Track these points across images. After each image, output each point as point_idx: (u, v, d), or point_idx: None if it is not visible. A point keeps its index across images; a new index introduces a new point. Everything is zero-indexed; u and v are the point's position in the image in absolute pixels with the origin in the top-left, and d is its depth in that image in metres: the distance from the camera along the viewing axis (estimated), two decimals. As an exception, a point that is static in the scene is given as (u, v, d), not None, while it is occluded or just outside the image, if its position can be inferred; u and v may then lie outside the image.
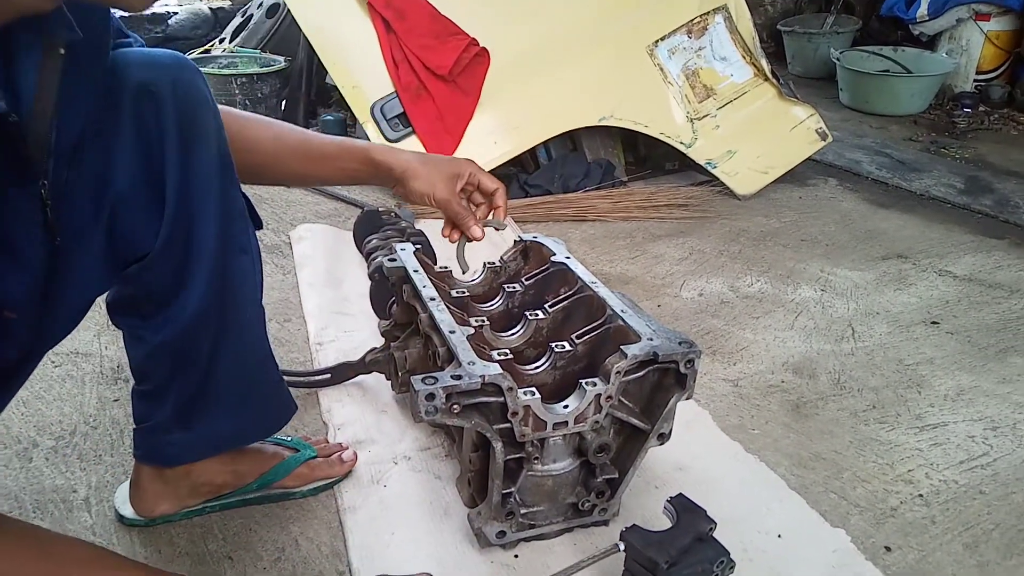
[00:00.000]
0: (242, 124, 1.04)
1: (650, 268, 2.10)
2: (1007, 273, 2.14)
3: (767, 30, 4.53)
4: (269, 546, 1.13)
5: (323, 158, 1.09)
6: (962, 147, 3.25)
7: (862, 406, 1.53)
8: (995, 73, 3.83)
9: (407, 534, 1.14)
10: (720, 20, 2.68)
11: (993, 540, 1.20)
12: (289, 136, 1.09)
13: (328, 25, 2.45)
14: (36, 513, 1.16)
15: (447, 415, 0.96)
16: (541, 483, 1.09)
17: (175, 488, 1.12)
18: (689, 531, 1.01)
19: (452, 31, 2.39)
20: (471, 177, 1.12)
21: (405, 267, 1.28)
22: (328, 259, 1.98)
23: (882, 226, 2.45)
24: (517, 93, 2.47)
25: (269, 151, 1.06)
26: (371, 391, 1.47)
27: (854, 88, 3.74)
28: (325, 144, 1.11)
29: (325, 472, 1.22)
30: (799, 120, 2.73)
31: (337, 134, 2.90)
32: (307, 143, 1.09)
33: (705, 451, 1.35)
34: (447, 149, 2.37)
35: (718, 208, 2.51)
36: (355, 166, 1.10)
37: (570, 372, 1.16)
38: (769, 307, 1.91)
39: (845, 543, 1.17)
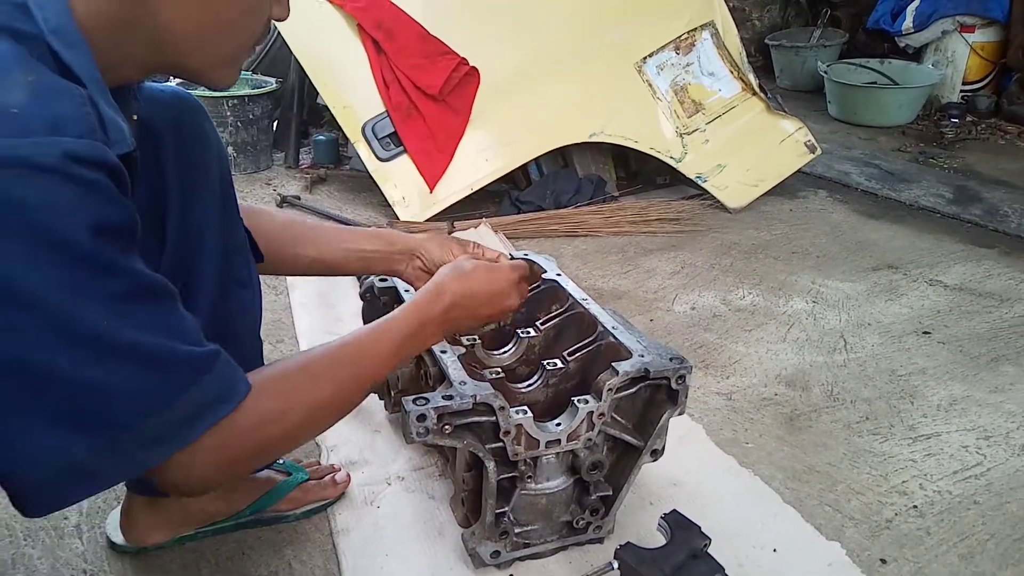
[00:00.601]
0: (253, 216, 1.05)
1: (642, 282, 2.10)
2: (997, 282, 2.15)
3: (755, 44, 4.58)
4: (262, 570, 1.12)
5: (336, 241, 1.11)
6: (950, 157, 3.28)
7: (855, 418, 1.53)
8: (981, 84, 3.88)
9: (401, 555, 1.14)
10: (707, 36, 2.70)
11: (988, 550, 1.20)
12: (299, 222, 1.12)
13: (319, 46, 2.46)
14: (27, 540, 1.15)
15: (439, 436, 0.96)
16: (535, 502, 1.09)
17: (167, 517, 1.12)
18: (684, 548, 1.01)
19: (442, 51, 2.41)
20: (474, 248, 1.15)
21: (396, 287, 1.28)
22: (320, 280, 1.98)
23: (872, 237, 2.46)
24: (507, 111, 2.48)
25: (276, 237, 1.07)
26: (363, 411, 1.47)
27: (842, 100, 3.77)
28: (338, 229, 1.15)
29: (318, 495, 1.22)
30: (788, 133, 2.76)
31: (329, 154, 2.93)
32: (317, 228, 1.13)
33: (699, 466, 1.35)
34: (439, 167, 2.39)
35: (709, 222, 2.53)
36: (368, 246, 1.12)
37: (562, 390, 1.16)
38: (761, 320, 1.92)
39: (840, 556, 1.17)
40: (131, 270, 0.65)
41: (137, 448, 0.67)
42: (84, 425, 0.64)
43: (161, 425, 0.68)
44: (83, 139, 0.60)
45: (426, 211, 2.37)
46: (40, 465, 0.64)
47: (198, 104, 0.94)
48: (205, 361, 0.70)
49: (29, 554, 1.13)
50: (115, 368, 0.64)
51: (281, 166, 2.98)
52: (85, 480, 0.67)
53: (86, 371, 0.63)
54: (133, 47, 0.70)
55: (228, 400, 0.72)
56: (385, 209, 2.45)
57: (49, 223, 0.58)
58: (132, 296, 0.65)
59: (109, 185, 0.62)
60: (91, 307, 0.62)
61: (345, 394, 0.84)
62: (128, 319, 0.64)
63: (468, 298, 0.99)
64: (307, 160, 3.01)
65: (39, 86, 0.60)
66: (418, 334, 0.93)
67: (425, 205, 2.37)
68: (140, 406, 0.66)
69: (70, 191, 0.59)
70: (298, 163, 2.98)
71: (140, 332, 0.65)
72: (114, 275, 0.63)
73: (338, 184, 2.80)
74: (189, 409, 0.69)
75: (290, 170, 2.94)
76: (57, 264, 0.59)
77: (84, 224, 0.60)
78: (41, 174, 0.58)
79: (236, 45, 0.76)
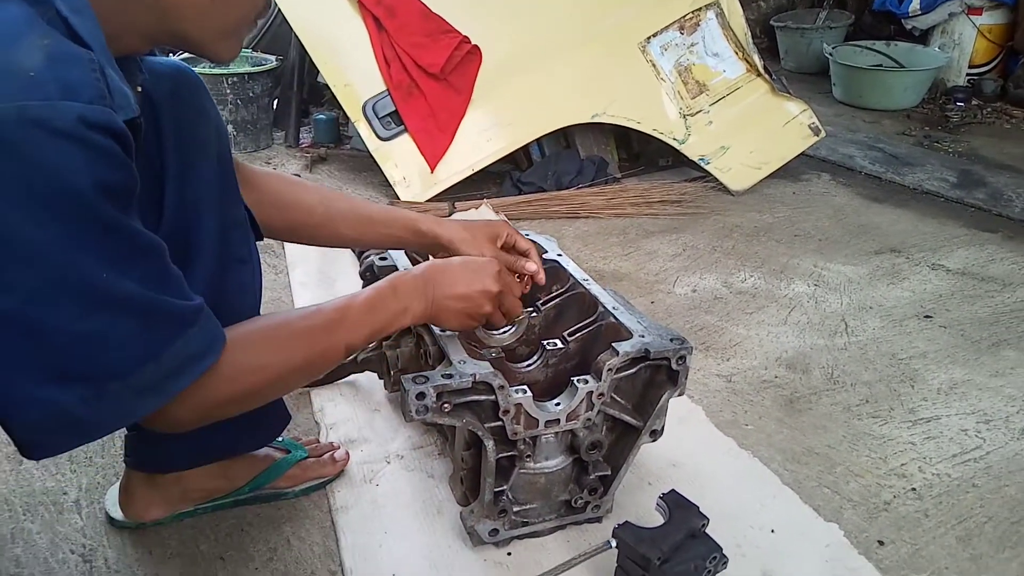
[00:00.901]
0: (291, 186, 1.11)
1: (643, 264, 2.10)
2: (1000, 266, 2.14)
3: (760, 25, 4.53)
4: (261, 546, 1.12)
5: (371, 223, 1.13)
6: (955, 141, 3.26)
7: (855, 400, 1.53)
8: (987, 67, 3.84)
9: (400, 533, 1.14)
10: (712, 16, 2.67)
11: (986, 533, 1.21)
12: (339, 201, 1.13)
13: (319, 24, 2.44)
14: (26, 516, 1.15)
15: (438, 414, 0.96)
16: (534, 481, 1.09)
17: (166, 493, 1.12)
18: (682, 527, 1.01)
19: (444, 29, 2.39)
20: (508, 237, 1.15)
21: (396, 266, 1.27)
22: (320, 258, 1.97)
23: (875, 220, 2.45)
24: (509, 90, 2.46)
25: (317, 212, 1.10)
26: (363, 390, 1.47)
27: (847, 83, 3.74)
28: (372, 211, 1.15)
29: (317, 472, 1.22)
30: (792, 115, 2.73)
31: (329, 133, 2.91)
32: (355, 208, 1.13)
33: (698, 447, 1.35)
34: (440, 147, 2.37)
35: (711, 204, 2.51)
36: (400, 233, 1.13)
37: (562, 370, 1.16)
38: (762, 302, 1.91)
39: (838, 537, 1.17)
40: (131, 228, 0.67)
41: (126, 399, 0.69)
42: (75, 376, 0.66)
43: (149, 376, 0.70)
44: (94, 105, 0.62)
45: (427, 191, 2.35)
46: (31, 414, 0.66)
47: (197, 79, 0.94)
48: (192, 315, 0.73)
49: (28, 529, 1.13)
50: (108, 320, 0.66)
51: (281, 145, 2.96)
52: (75, 430, 0.69)
53: (79, 323, 0.65)
54: (136, 14, 0.71)
55: (210, 353, 0.75)
56: (386, 189, 2.43)
57: (58, 182, 0.60)
58: (129, 252, 0.67)
59: (117, 150, 0.64)
60: (89, 261, 0.64)
61: (320, 356, 0.87)
62: (124, 273, 0.66)
63: (442, 271, 1.01)
64: (307, 139, 2.99)
65: (54, 50, 0.61)
66: (390, 297, 0.94)
67: (426, 185, 2.36)
68: (130, 357, 0.68)
69: (81, 154, 0.61)
70: (298, 142, 2.96)
71: (134, 285, 0.67)
72: (114, 232, 0.65)
73: (338, 163, 2.78)
74: (176, 361, 0.72)
75: (290, 149, 2.92)
76: (61, 219, 0.61)
77: (90, 184, 0.62)
78: (56, 137, 0.60)
79: (239, 15, 0.77)
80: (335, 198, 1.13)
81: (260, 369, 0.82)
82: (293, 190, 1.10)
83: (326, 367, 0.90)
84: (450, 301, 0.99)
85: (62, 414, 0.66)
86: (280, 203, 1.08)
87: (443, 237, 1.12)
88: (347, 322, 0.89)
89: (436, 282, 0.99)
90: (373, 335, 0.93)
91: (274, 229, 1.09)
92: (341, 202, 1.13)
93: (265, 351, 0.83)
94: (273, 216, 1.07)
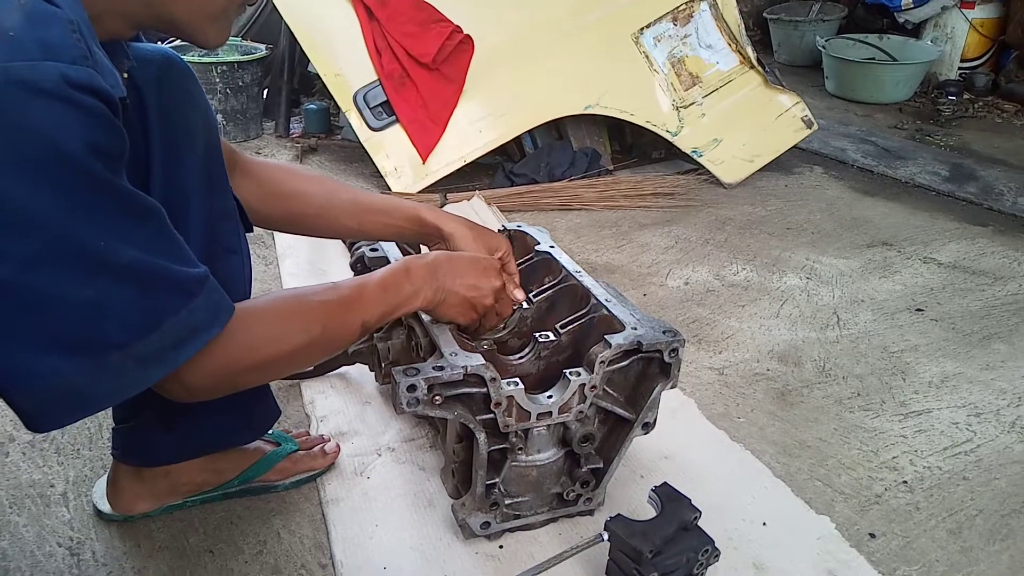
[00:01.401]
0: (291, 176, 1.10)
1: (636, 257, 2.09)
2: (991, 260, 2.15)
3: (753, 18, 4.52)
4: (251, 539, 1.12)
5: (372, 213, 1.12)
6: (947, 135, 3.26)
7: (847, 393, 1.53)
8: (979, 61, 3.84)
9: (391, 526, 1.13)
10: (705, 7, 2.66)
11: (977, 526, 1.21)
12: (340, 191, 1.12)
13: (310, 12, 2.41)
14: (13, 508, 1.14)
15: (429, 406, 0.95)
16: (525, 473, 1.08)
17: (154, 487, 1.11)
18: (674, 520, 1.01)
19: (435, 18, 2.37)
20: (504, 255, 1.14)
21: (387, 257, 1.26)
22: (311, 249, 1.96)
23: (867, 214, 2.45)
24: (502, 81, 2.45)
25: (319, 204, 1.09)
26: (354, 382, 1.46)
27: (840, 76, 3.74)
28: (373, 201, 1.14)
29: (307, 465, 1.21)
30: (785, 108, 2.73)
31: (320, 123, 2.89)
32: (355, 198, 1.12)
33: (690, 440, 1.35)
34: (432, 138, 2.35)
35: (704, 196, 2.51)
36: (401, 223, 1.13)
37: (554, 362, 1.15)
38: (755, 295, 1.91)
39: (830, 530, 1.17)
40: (126, 190, 0.66)
41: (129, 369, 0.68)
42: (74, 345, 0.65)
43: (151, 347, 0.68)
44: (77, 65, 0.60)
45: (419, 182, 2.34)
46: (32, 385, 0.65)
47: (186, 66, 0.92)
48: (195, 284, 0.72)
49: (15, 522, 1.12)
50: (106, 288, 0.65)
51: (271, 135, 2.93)
52: (78, 401, 0.68)
53: (77, 291, 0.63)
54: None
55: (214, 324, 0.74)
56: (377, 180, 2.42)
57: (46, 143, 0.59)
58: (126, 215, 0.66)
59: (105, 110, 0.62)
60: (85, 225, 0.62)
61: (337, 330, 0.87)
62: (122, 239, 0.65)
63: (452, 261, 1.02)
64: (298, 129, 2.96)
65: (32, 10, 0.60)
66: (403, 279, 0.95)
67: (418, 176, 2.34)
68: (131, 327, 0.67)
69: (68, 114, 0.59)
70: (288, 132, 2.94)
71: (134, 251, 0.66)
72: (110, 195, 0.64)
73: (329, 154, 2.76)
74: (179, 332, 0.70)
75: (280, 139, 2.90)
76: (52, 182, 0.60)
77: (80, 144, 0.60)
78: (40, 96, 0.58)
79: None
80: (336, 188, 1.12)
81: (277, 340, 0.81)
82: (294, 180, 1.09)
83: (341, 343, 0.90)
84: (458, 290, 1.00)
85: (63, 385, 0.65)
86: (280, 193, 1.07)
87: (445, 229, 1.11)
88: (364, 299, 0.90)
89: (445, 270, 0.99)
90: (386, 315, 0.94)
91: (274, 219, 1.09)
92: (342, 192, 1.12)
93: (283, 323, 0.82)
94: (273, 206, 1.07)
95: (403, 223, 1.12)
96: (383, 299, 0.92)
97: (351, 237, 1.26)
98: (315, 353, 0.88)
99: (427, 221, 1.12)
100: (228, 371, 0.77)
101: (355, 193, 1.14)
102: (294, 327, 0.83)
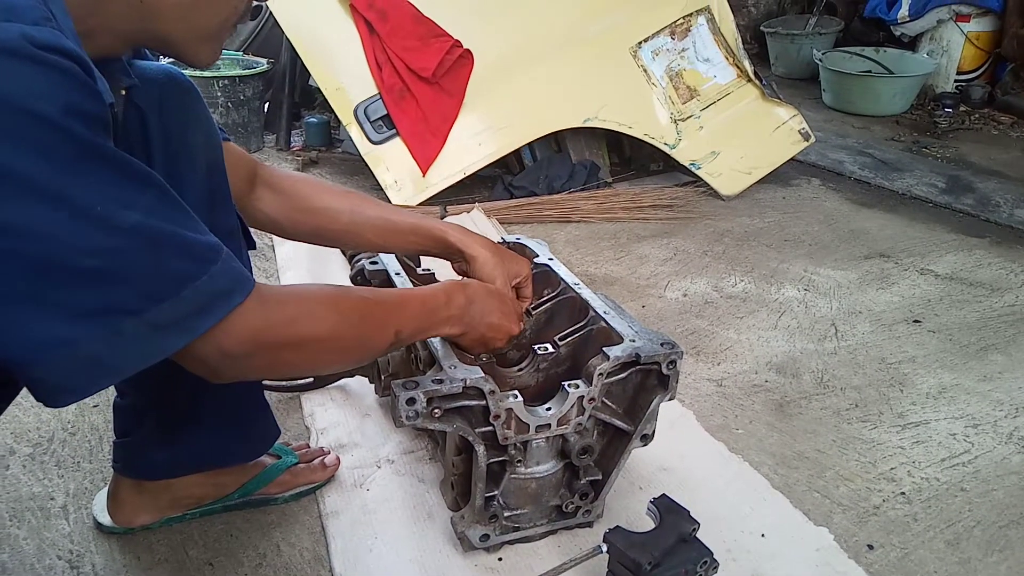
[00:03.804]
0: (318, 191, 1.10)
1: (635, 269, 2.10)
2: (988, 271, 2.16)
3: (750, 31, 4.56)
4: (250, 552, 1.12)
5: (398, 233, 1.12)
6: (943, 147, 3.28)
7: (845, 405, 1.53)
8: (975, 73, 3.87)
9: (390, 538, 1.14)
10: (703, 22, 2.69)
11: (975, 537, 1.21)
12: (367, 208, 1.12)
13: (311, 27, 2.44)
14: (13, 521, 1.14)
15: (428, 419, 0.95)
16: (524, 486, 1.09)
17: (154, 500, 1.11)
18: (672, 532, 1.01)
19: (435, 33, 2.39)
20: (523, 280, 1.16)
21: (387, 270, 1.27)
22: (311, 262, 1.97)
23: (865, 225, 2.46)
24: (501, 95, 2.46)
25: (346, 220, 1.09)
26: (354, 394, 1.46)
27: (837, 89, 3.76)
28: (403, 221, 1.13)
29: (307, 478, 1.22)
30: (782, 121, 2.75)
31: (321, 136, 2.91)
32: (383, 216, 1.12)
33: (689, 451, 1.35)
34: (431, 151, 2.37)
35: (702, 209, 2.52)
36: (426, 243, 1.13)
37: (553, 374, 1.16)
38: (753, 307, 1.92)
39: (828, 542, 1.17)
40: (118, 154, 0.63)
41: (146, 336, 0.65)
42: (88, 312, 0.63)
43: (169, 313, 0.66)
44: (40, 26, 0.57)
45: (419, 195, 2.35)
46: (49, 354, 0.62)
47: (189, 83, 0.92)
48: (211, 251, 0.69)
49: (15, 535, 1.12)
50: (113, 254, 0.62)
51: (272, 148, 2.95)
52: (97, 369, 0.65)
53: (83, 259, 0.61)
54: (116, 13, 0.69)
55: (239, 291, 0.71)
56: (377, 193, 2.43)
57: (20, 105, 0.56)
58: (122, 179, 0.63)
59: (77, 70, 0.59)
60: (83, 188, 0.60)
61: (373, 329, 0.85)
62: (123, 203, 0.62)
63: (485, 298, 1.02)
64: (298, 142, 2.98)
65: None
66: (443, 304, 0.96)
67: (418, 189, 2.36)
68: (144, 293, 0.64)
69: (36, 73, 0.56)
70: (289, 145, 2.95)
71: (137, 215, 0.63)
72: (99, 157, 0.61)
73: (330, 167, 2.78)
74: (201, 298, 0.67)
75: (281, 152, 2.91)
76: (40, 145, 0.57)
77: (60, 108, 0.57)
78: (7, 58, 0.55)
79: (220, 19, 0.76)
80: (363, 204, 1.12)
81: (312, 318, 0.78)
82: (320, 195, 1.09)
83: (373, 347, 0.88)
84: (482, 328, 1.01)
85: (80, 352, 0.63)
86: (307, 208, 1.08)
87: (468, 252, 1.11)
88: (404, 309, 0.91)
89: (478, 307, 1.00)
90: (420, 332, 0.94)
91: (300, 233, 1.09)
92: (369, 209, 1.12)
93: (320, 305, 0.80)
94: (299, 221, 1.07)
95: (429, 243, 1.13)
96: (422, 315, 0.93)
97: (373, 251, 1.26)
98: (348, 347, 0.84)
99: (452, 244, 1.12)
100: (262, 342, 0.74)
101: (382, 210, 1.13)
102: (330, 311, 0.80)
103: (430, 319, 0.94)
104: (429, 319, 0.94)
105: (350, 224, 1.09)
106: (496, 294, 1.06)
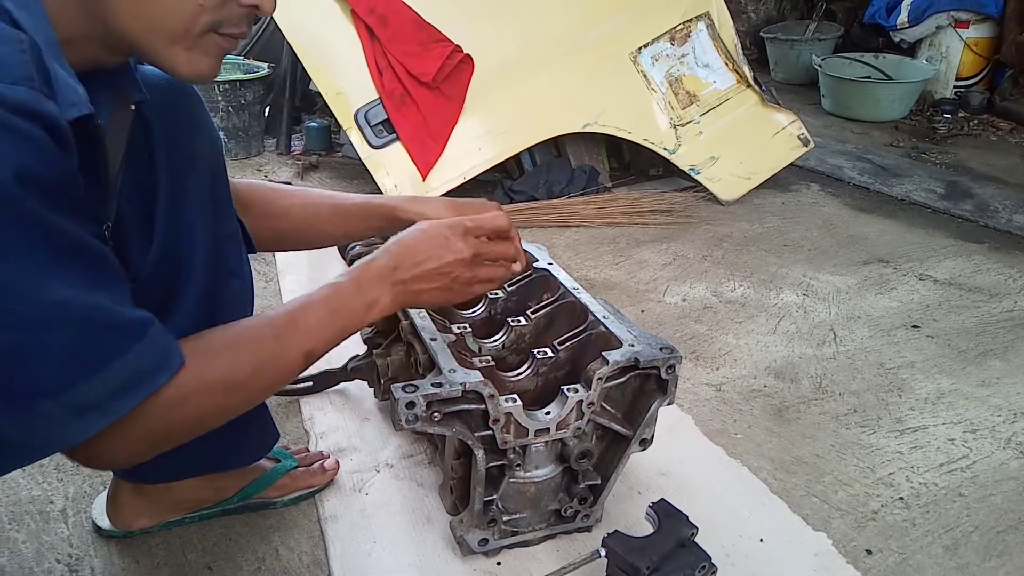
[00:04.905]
0: (272, 195, 1.08)
1: (634, 274, 2.10)
2: (986, 277, 2.16)
3: (750, 37, 4.57)
4: (249, 556, 1.12)
5: (352, 217, 1.10)
6: (942, 152, 3.29)
7: (843, 410, 1.54)
8: (974, 79, 3.88)
9: (389, 542, 1.14)
10: (703, 27, 2.70)
11: (973, 542, 1.21)
12: (317, 200, 1.10)
13: (312, 32, 2.44)
14: (12, 525, 1.14)
15: (428, 423, 0.96)
16: (523, 490, 1.09)
17: (154, 503, 1.11)
18: (671, 536, 1.01)
19: (436, 38, 2.40)
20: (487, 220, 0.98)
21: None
22: (311, 266, 1.97)
23: (864, 231, 2.47)
24: (501, 99, 2.47)
25: (300, 216, 1.08)
26: (353, 398, 1.46)
27: (836, 94, 3.77)
28: (350, 204, 1.10)
29: (306, 482, 1.22)
30: (781, 126, 2.75)
31: (321, 140, 2.91)
32: (335, 205, 1.10)
33: (687, 456, 1.35)
34: (432, 155, 2.37)
35: (701, 214, 2.53)
36: (381, 223, 1.10)
37: (552, 378, 1.16)
38: (752, 312, 1.92)
39: (827, 546, 1.17)
40: (60, 227, 0.60)
41: (63, 419, 0.62)
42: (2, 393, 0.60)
43: (91, 394, 0.63)
44: (17, 85, 0.56)
45: (418, 199, 2.35)
46: None
47: (191, 89, 0.92)
48: (137, 327, 0.66)
49: (14, 538, 1.12)
50: (35, 330, 0.59)
51: (273, 152, 2.96)
52: (4, 452, 0.63)
53: (2, 331, 0.58)
54: (78, 15, 0.68)
55: (162, 371, 0.68)
56: (377, 197, 2.43)
57: None
58: (59, 255, 0.60)
59: (43, 136, 0.57)
60: (14, 259, 0.57)
61: (270, 366, 0.78)
62: (53, 279, 0.60)
63: (407, 250, 0.89)
64: (299, 147, 2.99)
65: None
66: (352, 294, 0.84)
67: (418, 193, 2.36)
68: (65, 372, 0.62)
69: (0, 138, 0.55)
70: (290, 149, 2.96)
71: (66, 291, 0.60)
72: (38, 228, 0.58)
73: (330, 171, 2.78)
74: (121, 378, 0.64)
75: (281, 156, 2.92)
76: None
77: (10, 174, 0.55)
78: None
79: (181, 16, 0.70)
80: (313, 198, 1.10)
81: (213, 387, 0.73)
82: (276, 198, 1.08)
83: (281, 379, 0.80)
84: (422, 283, 0.89)
85: None
86: (264, 214, 1.06)
87: (423, 216, 1.03)
88: (301, 327, 0.80)
89: (402, 266, 0.88)
90: (336, 337, 0.83)
91: (263, 240, 1.07)
92: (320, 201, 1.10)
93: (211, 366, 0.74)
94: (260, 227, 1.06)
95: (382, 223, 1.09)
96: (329, 324, 0.82)
97: (342, 242, 1.21)
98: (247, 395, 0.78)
99: (402, 219, 1.05)
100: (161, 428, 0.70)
101: (332, 199, 1.10)
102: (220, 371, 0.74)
103: (344, 319, 0.83)
104: (339, 321, 0.83)
105: (303, 219, 1.08)
106: (418, 237, 0.90)
